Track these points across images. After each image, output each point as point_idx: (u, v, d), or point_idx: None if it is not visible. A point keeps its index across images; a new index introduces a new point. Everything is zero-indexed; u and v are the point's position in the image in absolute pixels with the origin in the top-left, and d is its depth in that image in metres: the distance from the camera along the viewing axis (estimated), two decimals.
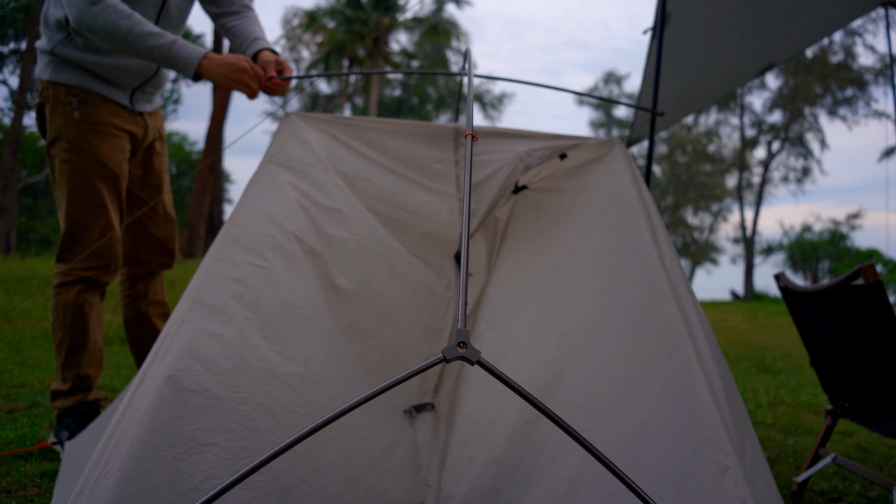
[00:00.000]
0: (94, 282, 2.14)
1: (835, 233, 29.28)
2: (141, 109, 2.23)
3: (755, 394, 4.27)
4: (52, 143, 2.10)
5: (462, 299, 1.01)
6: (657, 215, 1.73)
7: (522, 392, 1.01)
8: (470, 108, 1.31)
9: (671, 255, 1.62)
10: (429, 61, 30.99)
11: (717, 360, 1.45)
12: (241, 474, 0.94)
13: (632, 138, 4.38)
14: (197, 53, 1.92)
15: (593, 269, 1.67)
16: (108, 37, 1.90)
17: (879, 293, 1.88)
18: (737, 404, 1.42)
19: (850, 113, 29.23)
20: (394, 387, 0.94)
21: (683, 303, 1.50)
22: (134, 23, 1.89)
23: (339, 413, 0.97)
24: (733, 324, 12.00)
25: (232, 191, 38.75)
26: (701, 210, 37.23)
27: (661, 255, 1.59)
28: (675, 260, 1.62)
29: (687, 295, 1.54)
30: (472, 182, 1.75)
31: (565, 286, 1.70)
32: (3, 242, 14.09)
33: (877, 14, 18.64)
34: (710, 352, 1.44)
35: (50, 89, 2.09)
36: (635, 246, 1.61)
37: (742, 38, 3.47)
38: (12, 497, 1.73)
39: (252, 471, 0.95)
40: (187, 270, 10.45)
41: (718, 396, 1.33)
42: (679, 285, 1.55)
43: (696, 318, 1.50)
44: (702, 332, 1.47)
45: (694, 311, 1.51)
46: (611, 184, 1.80)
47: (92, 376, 2.19)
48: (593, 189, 1.84)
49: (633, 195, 1.73)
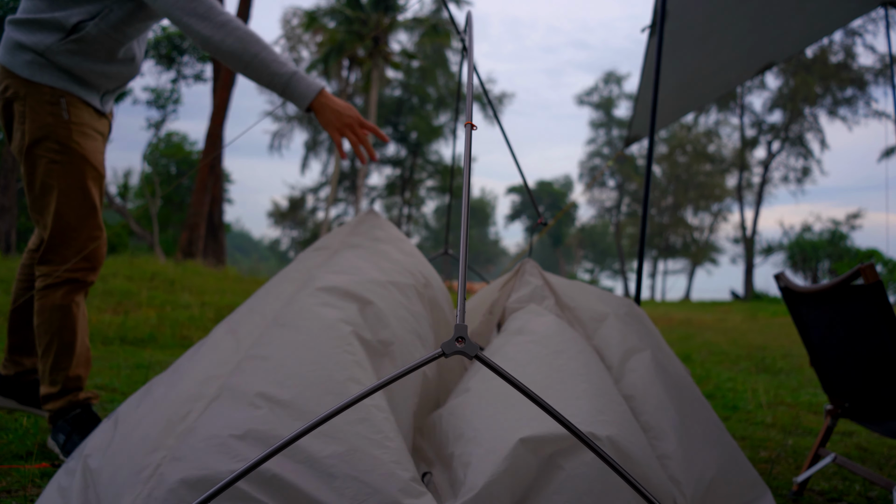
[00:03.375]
0: (80, 282, 2.10)
1: (835, 233, 29.24)
2: (107, 110, 2.23)
3: (755, 394, 4.27)
4: (35, 142, 2.02)
5: (461, 295, 1.01)
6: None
7: (521, 387, 1.01)
8: (471, 75, 1.29)
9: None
10: (429, 61, 30.99)
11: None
12: (240, 473, 0.94)
13: (630, 137, 4.37)
14: (313, 89, 1.93)
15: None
16: (233, 58, 1.90)
17: (879, 293, 1.88)
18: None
19: (850, 113, 29.25)
20: (393, 382, 0.94)
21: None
22: (260, 48, 1.89)
23: (340, 409, 0.97)
24: (733, 324, 12.01)
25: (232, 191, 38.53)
26: (701, 210, 37.23)
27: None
28: None
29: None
30: None
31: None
32: (3, 242, 14.09)
33: (877, 14, 18.65)
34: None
35: (29, 87, 2.01)
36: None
37: (740, 37, 3.47)
38: (12, 497, 1.73)
39: (253, 468, 0.95)
40: (187, 270, 10.47)
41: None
42: None
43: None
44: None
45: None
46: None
47: (82, 376, 2.16)
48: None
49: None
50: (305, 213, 35.48)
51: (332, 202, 28.56)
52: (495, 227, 56.81)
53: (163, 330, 5.30)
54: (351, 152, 23.71)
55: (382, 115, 32.31)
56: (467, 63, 1.51)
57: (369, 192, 35.69)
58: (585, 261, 52.11)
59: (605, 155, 42.70)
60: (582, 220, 49.07)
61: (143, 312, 6.17)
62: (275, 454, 0.97)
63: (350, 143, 2.02)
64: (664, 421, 1.68)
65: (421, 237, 44.81)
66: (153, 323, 5.50)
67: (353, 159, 33.23)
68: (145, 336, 5.07)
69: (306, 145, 33.40)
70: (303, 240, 35.74)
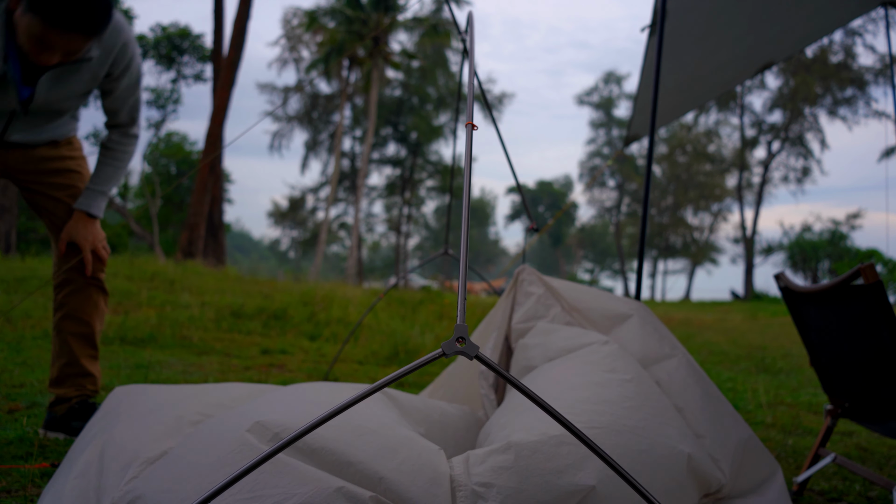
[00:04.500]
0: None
1: (835, 233, 29.25)
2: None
3: (755, 394, 4.27)
4: (74, 158, 2.35)
5: (461, 295, 1.01)
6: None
7: (522, 388, 1.01)
8: (472, 75, 1.29)
9: None
10: (429, 61, 30.98)
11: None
12: (240, 473, 0.94)
13: (630, 137, 4.37)
14: (102, 211, 2.32)
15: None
16: (132, 155, 2.38)
17: (879, 293, 1.88)
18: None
19: (850, 113, 29.25)
20: (394, 381, 0.95)
21: None
22: (122, 173, 2.37)
23: (341, 408, 0.97)
24: (733, 324, 12.01)
25: (232, 191, 38.48)
26: (701, 210, 37.23)
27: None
28: None
29: None
30: None
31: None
32: (3, 242, 14.08)
33: (877, 14, 18.65)
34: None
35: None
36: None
37: (740, 36, 3.47)
38: (12, 497, 1.73)
39: (254, 466, 0.95)
40: (187, 270, 10.47)
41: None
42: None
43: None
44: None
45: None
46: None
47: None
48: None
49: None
50: (305, 213, 35.47)
51: (332, 202, 28.54)
52: (495, 227, 56.87)
53: (163, 330, 5.30)
54: None
55: (382, 115, 32.29)
56: (468, 63, 1.51)
57: (369, 192, 35.69)
58: (585, 261, 52.11)
59: (605, 155, 42.70)
60: (582, 220, 49.10)
61: (143, 312, 6.17)
62: (286, 446, 0.97)
63: (84, 252, 2.27)
64: (692, 403, 1.78)
65: (421, 237, 44.81)
66: (153, 323, 5.50)
67: (354, 160, 33.24)
68: (145, 336, 5.07)
69: (306, 145, 33.40)
70: (303, 240, 35.74)
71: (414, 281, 28.01)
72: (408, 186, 34.81)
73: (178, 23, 28.01)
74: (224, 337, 5.56)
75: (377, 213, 37.82)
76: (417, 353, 5.22)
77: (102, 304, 2.36)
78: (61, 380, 2.32)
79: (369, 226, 37.75)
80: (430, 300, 8.34)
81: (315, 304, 7.17)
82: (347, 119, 32.83)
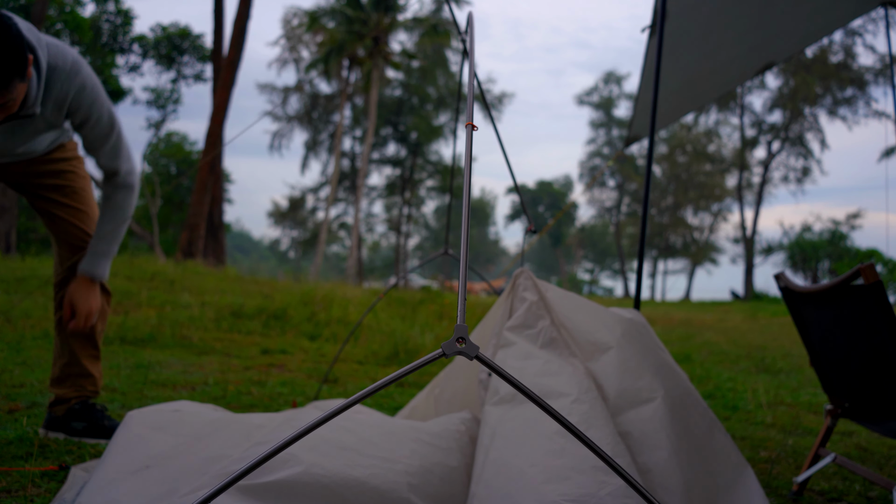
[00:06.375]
0: None
1: (835, 233, 29.25)
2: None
3: (755, 394, 4.27)
4: (68, 159, 2.31)
5: (461, 295, 1.01)
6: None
7: (523, 389, 1.01)
8: (472, 76, 1.29)
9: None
10: (429, 61, 30.98)
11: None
12: (239, 474, 0.94)
13: (630, 137, 4.37)
14: (107, 273, 2.28)
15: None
16: (129, 210, 2.28)
17: (879, 293, 1.88)
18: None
19: (850, 113, 29.25)
20: (394, 381, 0.95)
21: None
22: (123, 230, 2.30)
23: (342, 407, 0.97)
24: (733, 324, 12.01)
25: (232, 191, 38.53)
26: (701, 210, 37.24)
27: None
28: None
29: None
30: None
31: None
32: (3, 242, 14.08)
33: (877, 14, 18.64)
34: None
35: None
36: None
37: (740, 37, 3.47)
38: (12, 497, 1.73)
39: (255, 465, 0.95)
40: (187, 270, 10.46)
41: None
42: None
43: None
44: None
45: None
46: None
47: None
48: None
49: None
50: (305, 213, 35.47)
51: (332, 202, 28.55)
52: (495, 227, 56.83)
53: (163, 330, 5.30)
54: None
55: (382, 115, 32.29)
56: (468, 63, 1.51)
57: (369, 192, 35.70)
58: (585, 261, 52.09)
59: (605, 155, 42.70)
60: (582, 220, 49.09)
61: (143, 312, 6.17)
62: (290, 445, 0.97)
63: (78, 316, 2.23)
64: (662, 461, 1.71)
65: (421, 237, 44.80)
66: (153, 323, 5.50)
67: (354, 160, 33.24)
68: (145, 336, 5.07)
69: (306, 145, 33.40)
70: (303, 240, 35.74)
71: (414, 281, 28.01)
72: (408, 186, 34.82)
73: (179, 23, 28.00)
74: (224, 337, 5.56)
75: (377, 213, 37.87)
76: (417, 353, 5.22)
77: (104, 304, 2.36)
78: (62, 379, 2.32)
79: (369, 226, 37.77)
80: (430, 300, 8.34)
81: (315, 304, 7.17)
82: (347, 119, 32.85)
